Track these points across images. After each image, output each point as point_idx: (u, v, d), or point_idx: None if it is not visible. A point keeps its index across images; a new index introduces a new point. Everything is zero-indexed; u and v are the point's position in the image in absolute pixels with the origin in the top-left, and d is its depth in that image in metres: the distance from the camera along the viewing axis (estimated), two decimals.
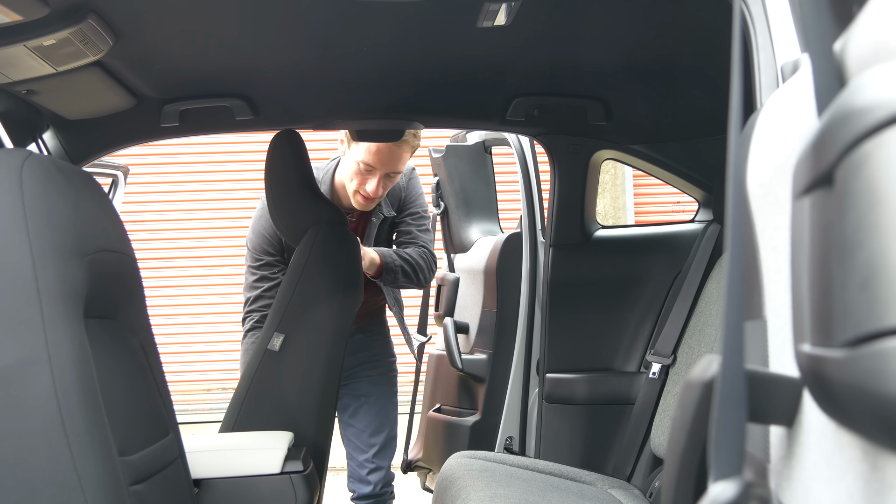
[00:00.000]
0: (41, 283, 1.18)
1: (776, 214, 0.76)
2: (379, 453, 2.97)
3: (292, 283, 2.21)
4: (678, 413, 0.73)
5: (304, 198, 2.32)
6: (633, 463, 2.53)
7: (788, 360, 0.72)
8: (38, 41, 1.66)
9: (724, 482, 0.49)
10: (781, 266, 0.75)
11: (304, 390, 2.18)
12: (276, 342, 2.16)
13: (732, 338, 0.54)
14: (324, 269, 2.22)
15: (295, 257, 2.26)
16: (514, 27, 1.90)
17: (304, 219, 2.29)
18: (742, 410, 0.53)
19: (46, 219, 1.21)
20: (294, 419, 2.12)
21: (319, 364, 2.19)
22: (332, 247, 2.24)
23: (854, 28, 0.58)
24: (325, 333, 2.20)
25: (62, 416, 1.16)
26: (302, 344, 2.19)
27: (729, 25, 1.93)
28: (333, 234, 2.25)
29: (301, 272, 2.21)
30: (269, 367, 2.17)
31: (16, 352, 1.16)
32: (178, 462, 1.54)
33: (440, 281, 3.50)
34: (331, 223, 2.28)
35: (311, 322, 2.20)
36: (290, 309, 2.19)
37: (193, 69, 2.22)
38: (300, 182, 2.31)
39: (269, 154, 2.35)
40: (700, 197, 2.79)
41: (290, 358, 2.18)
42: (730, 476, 0.49)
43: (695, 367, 0.70)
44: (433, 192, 3.48)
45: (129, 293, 1.49)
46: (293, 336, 2.18)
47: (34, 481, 1.15)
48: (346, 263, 2.28)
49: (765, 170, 0.80)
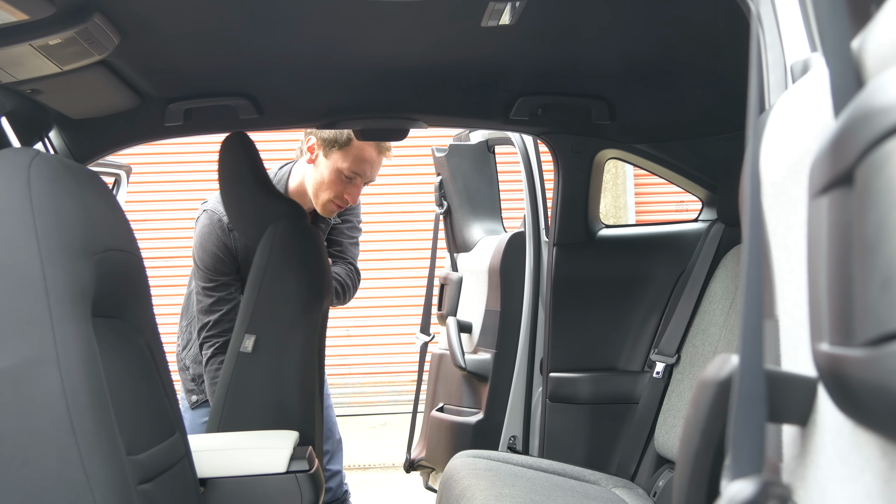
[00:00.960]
0: (49, 283, 1.18)
1: (789, 213, 0.76)
2: (332, 459, 3.01)
3: (257, 282, 2.19)
4: (691, 412, 0.73)
5: (261, 196, 2.31)
6: (636, 462, 2.53)
7: (801, 359, 0.72)
8: (44, 40, 1.66)
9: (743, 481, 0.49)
10: (794, 265, 0.75)
11: (284, 388, 2.17)
12: (248, 343, 2.14)
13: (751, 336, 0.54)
14: (287, 264, 2.21)
15: (257, 257, 2.24)
16: (518, 26, 1.89)
17: (263, 216, 2.27)
18: (761, 409, 0.53)
19: (54, 218, 1.21)
20: (277, 418, 2.11)
21: (294, 360, 2.18)
22: (294, 241, 2.23)
23: (872, 27, 0.58)
24: (296, 328, 2.19)
25: (71, 416, 1.16)
26: (274, 342, 2.17)
27: (732, 24, 1.94)
28: (293, 229, 2.24)
29: (264, 270, 2.19)
30: (245, 369, 2.15)
31: (24, 351, 1.16)
32: (185, 461, 1.54)
33: (443, 280, 3.50)
34: (289, 218, 2.27)
35: (281, 319, 2.19)
36: (258, 308, 2.18)
37: (198, 68, 2.22)
38: (255, 181, 2.30)
39: (220, 157, 2.33)
40: (704, 196, 2.79)
41: (264, 357, 2.16)
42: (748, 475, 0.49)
43: (709, 366, 0.70)
44: (436, 191, 3.48)
45: (136, 292, 1.49)
46: (264, 335, 2.16)
47: (43, 480, 1.15)
48: (309, 256, 2.27)
49: (777, 169, 0.80)
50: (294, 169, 2.83)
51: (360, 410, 6.96)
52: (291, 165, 2.86)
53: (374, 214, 6.88)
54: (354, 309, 6.91)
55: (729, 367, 0.66)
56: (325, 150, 2.67)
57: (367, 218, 6.83)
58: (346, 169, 2.64)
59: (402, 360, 6.86)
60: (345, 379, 7.00)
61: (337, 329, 6.92)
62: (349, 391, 7.01)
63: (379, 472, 5.53)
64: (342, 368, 6.99)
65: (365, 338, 7.04)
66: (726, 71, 2.25)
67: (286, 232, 2.21)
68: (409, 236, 6.99)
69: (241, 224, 2.33)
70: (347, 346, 7.03)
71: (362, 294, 7.04)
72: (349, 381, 7.02)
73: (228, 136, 2.34)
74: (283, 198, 2.39)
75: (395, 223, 7.04)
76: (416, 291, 5.21)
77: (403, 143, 2.68)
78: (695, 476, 0.72)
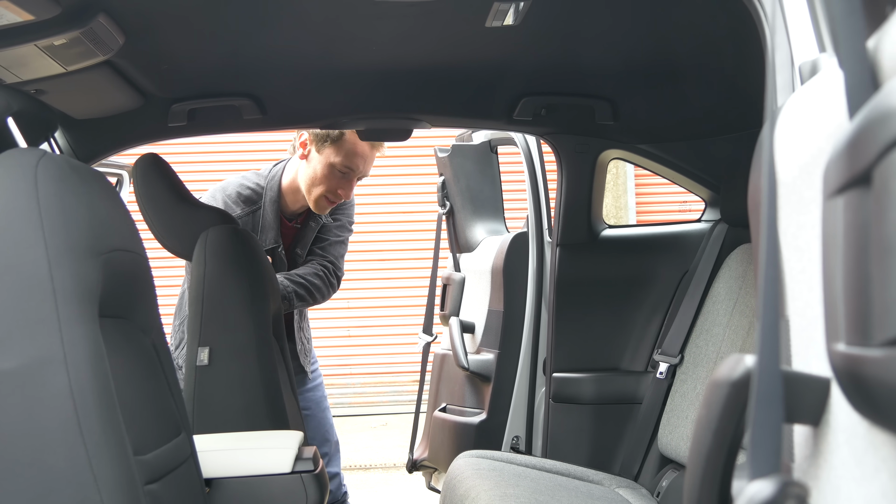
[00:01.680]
0: (56, 283, 1.18)
1: (800, 214, 0.76)
2: (331, 461, 3.01)
3: (199, 294, 2.18)
4: (704, 412, 0.73)
5: (184, 209, 2.29)
6: (640, 462, 2.53)
7: (813, 360, 0.72)
8: (49, 40, 1.66)
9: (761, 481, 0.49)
10: (805, 266, 0.75)
11: (248, 392, 2.15)
12: (203, 356, 2.13)
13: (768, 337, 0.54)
14: (224, 270, 2.19)
15: (193, 269, 2.23)
16: (522, 27, 1.89)
17: (189, 229, 2.25)
18: (779, 409, 0.53)
19: (62, 218, 1.21)
20: (247, 423, 2.10)
21: (252, 363, 2.16)
22: (226, 247, 2.21)
23: (889, 27, 0.58)
24: (247, 332, 2.17)
25: (78, 416, 1.16)
26: (229, 350, 2.16)
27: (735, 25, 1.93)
28: (222, 235, 2.22)
29: (203, 281, 2.17)
30: (205, 382, 2.14)
31: (32, 351, 1.16)
32: (190, 461, 1.54)
33: (446, 280, 3.50)
34: (216, 225, 2.25)
35: (230, 325, 2.17)
36: (205, 320, 2.16)
37: (202, 69, 2.22)
38: (175, 197, 2.28)
39: (135, 182, 2.30)
40: (707, 196, 2.79)
41: (222, 366, 2.15)
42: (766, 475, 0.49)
43: (721, 366, 0.70)
44: (439, 191, 3.48)
45: (142, 292, 1.49)
46: (218, 346, 2.15)
47: (50, 481, 1.15)
48: (243, 258, 2.24)
49: (788, 170, 0.80)
50: (287, 166, 2.83)
51: (361, 410, 6.96)
52: (285, 163, 2.86)
53: (376, 214, 6.88)
54: (356, 309, 6.91)
55: (742, 368, 0.66)
56: (318, 146, 2.68)
57: (370, 218, 6.84)
58: (338, 163, 2.64)
59: (403, 360, 6.86)
60: (346, 379, 7.00)
61: (338, 329, 6.92)
62: (350, 391, 7.01)
63: (380, 473, 5.53)
64: (344, 369, 6.99)
65: (367, 338, 7.03)
66: (729, 71, 2.25)
67: (216, 239, 2.20)
68: (412, 237, 6.99)
69: (170, 242, 2.31)
70: (349, 346, 7.03)
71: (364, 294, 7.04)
72: (350, 382, 7.01)
73: (139, 158, 2.30)
74: (207, 207, 2.37)
75: (397, 223, 7.04)
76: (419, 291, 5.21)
77: (406, 144, 2.68)
78: (706, 476, 0.72)
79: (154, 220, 2.27)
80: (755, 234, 0.93)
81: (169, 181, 2.28)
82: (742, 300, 2.16)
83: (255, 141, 6.63)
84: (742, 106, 2.41)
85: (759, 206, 0.93)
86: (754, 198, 0.93)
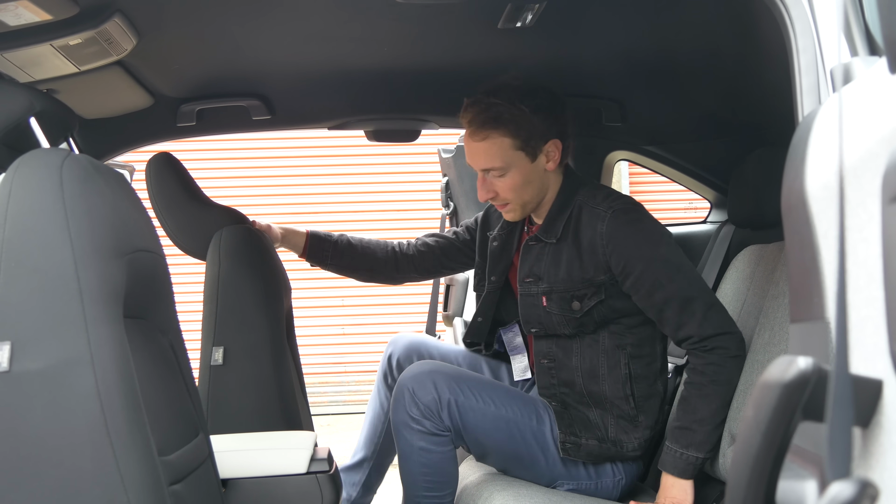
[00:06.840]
0: (83, 284, 1.18)
1: (846, 216, 0.76)
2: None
3: (213, 293, 2.18)
4: (752, 413, 0.73)
5: (197, 208, 2.28)
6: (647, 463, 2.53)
7: (861, 361, 0.72)
8: (65, 40, 1.66)
9: (842, 482, 0.49)
10: (851, 268, 0.75)
11: (262, 393, 2.15)
12: (218, 356, 2.13)
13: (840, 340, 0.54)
14: (238, 270, 2.18)
15: (207, 269, 2.23)
16: (530, 28, 1.90)
17: (204, 228, 2.25)
18: (850, 411, 0.53)
19: (87, 219, 1.21)
20: (262, 424, 2.10)
21: (267, 363, 2.16)
22: (240, 246, 2.21)
23: None
24: (261, 332, 2.17)
25: (105, 417, 1.16)
26: (243, 349, 2.16)
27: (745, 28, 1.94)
28: (236, 234, 2.21)
29: (217, 281, 2.17)
30: (219, 382, 2.13)
31: (59, 352, 1.16)
32: (209, 462, 1.54)
33: (449, 281, 3.50)
34: (229, 225, 2.25)
35: (245, 326, 2.17)
36: (220, 319, 2.16)
37: (211, 69, 2.22)
38: (187, 196, 2.27)
39: (148, 181, 2.28)
40: (713, 198, 2.80)
41: (237, 366, 2.14)
42: (843, 476, 0.50)
43: (771, 367, 0.71)
44: (442, 192, 3.48)
45: (161, 293, 1.49)
46: (232, 346, 2.15)
47: (77, 481, 1.15)
48: (258, 257, 2.24)
49: (830, 172, 0.81)
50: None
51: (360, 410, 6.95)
52: None
53: (379, 213, 6.89)
54: (357, 309, 6.91)
55: (795, 370, 0.67)
56: None
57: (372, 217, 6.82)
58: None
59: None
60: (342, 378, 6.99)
61: (338, 329, 6.91)
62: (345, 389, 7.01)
63: None
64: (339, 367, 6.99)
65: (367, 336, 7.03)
66: (736, 73, 2.26)
67: (230, 238, 2.19)
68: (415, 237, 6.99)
69: (184, 241, 2.30)
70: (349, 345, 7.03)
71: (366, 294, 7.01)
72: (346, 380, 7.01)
73: (153, 157, 2.29)
74: (219, 206, 2.37)
75: (400, 222, 7.04)
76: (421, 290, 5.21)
77: (409, 144, 2.68)
78: (754, 477, 0.73)
79: (168, 219, 2.26)
80: (789, 236, 0.94)
81: (182, 180, 2.27)
82: (750, 301, 2.17)
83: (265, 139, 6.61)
84: (748, 107, 2.42)
85: (794, 209, 0.93)
86: (788, 201, 0.93)
